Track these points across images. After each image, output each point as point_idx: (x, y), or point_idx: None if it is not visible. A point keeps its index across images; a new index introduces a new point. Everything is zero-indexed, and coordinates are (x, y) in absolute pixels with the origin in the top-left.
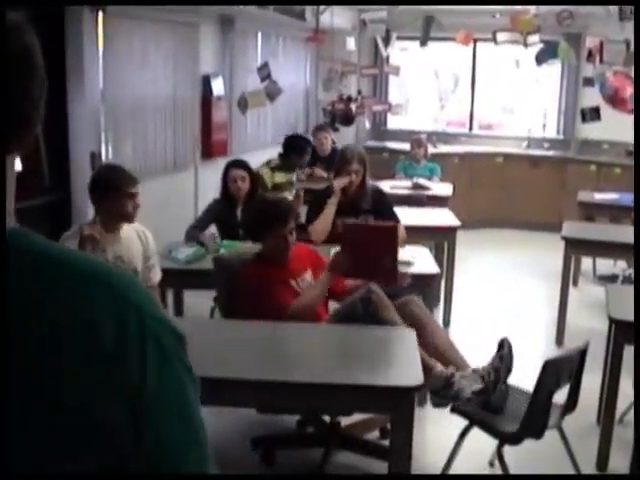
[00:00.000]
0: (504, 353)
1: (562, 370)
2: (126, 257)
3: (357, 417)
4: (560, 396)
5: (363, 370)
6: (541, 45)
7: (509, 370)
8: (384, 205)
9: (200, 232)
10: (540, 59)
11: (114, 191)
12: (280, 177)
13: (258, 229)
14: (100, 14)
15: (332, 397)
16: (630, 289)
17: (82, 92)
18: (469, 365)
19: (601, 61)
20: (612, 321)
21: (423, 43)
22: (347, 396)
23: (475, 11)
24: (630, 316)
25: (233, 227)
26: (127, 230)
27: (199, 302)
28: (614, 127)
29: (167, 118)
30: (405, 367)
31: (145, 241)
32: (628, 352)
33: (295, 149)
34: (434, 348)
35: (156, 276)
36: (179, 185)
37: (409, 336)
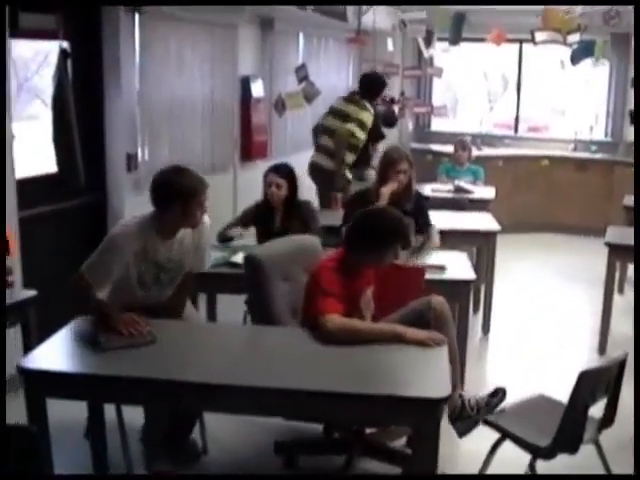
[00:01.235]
0: (493, 402)
1: (599, 382)
2: (176, 256)
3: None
4: (597, 409)
5: (388, 380)
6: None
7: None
8: (422, 209)
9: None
10: (575, 58)
11: (190, 198)
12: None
13: (371, 241)
14: (137, 15)
15: (354, 408)
16: None
17: (119, 93)
18: (461, 388)
19: None
20: None
21: (454, 42)
22: (369, 407)
23: (517, 11)
24: None
25: (271, 232)
26: (181, 236)
27: (234, 306)
28: None
29: (205, 120)
30: (432, 378)
31: (198, 233)
32: None
33: (372, 84)
34: None
35: (204, 265)
36: (217, 187)
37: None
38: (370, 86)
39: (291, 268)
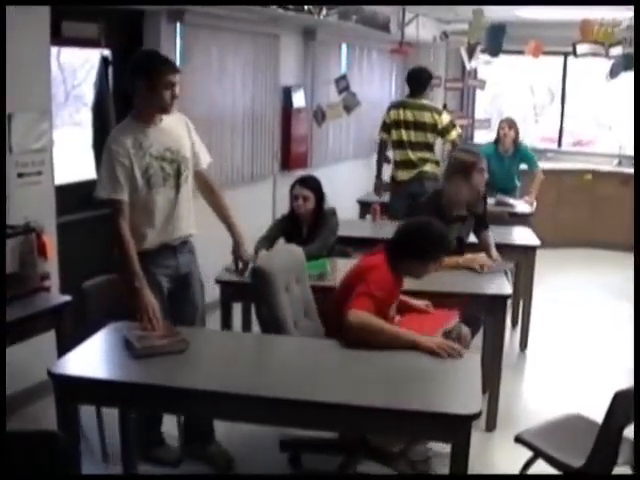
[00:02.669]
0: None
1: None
2: (174, 147)
3: None
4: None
5: (418, 394)
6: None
7: None
8: (485, 212)
9: (269, 245)
10: (614, 72)
11: (154, 75)
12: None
13: (416, 253)
14: (178, 25)
15: (381, 423)
16: None
17: None
18: None
19: None
20: None
21: (493, 54)
22: (396, 422)
23: (560, 24)
24: None
25: (299, 243)
26: (171, 119)
27: None
28: None
29: (245, 129)
30: (463, 392)
31: (187, 128)
32: None
33: (420, 79)
34: None
35: (206, 158)
36: (256, 196)
37: (472, 359)
38: (419, 80)
39: (289, 279)
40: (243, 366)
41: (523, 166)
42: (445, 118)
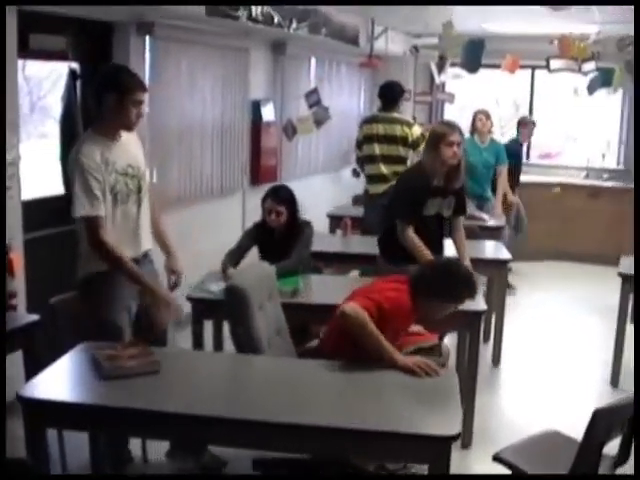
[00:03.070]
0: None
1: (614, 419)
2: (134, 163)
3: None
4: (613, 446)
5: (396, 415)
6: (595, 73)
7: None
8: (464, 195)
9: (238, 257)
10: (592, 87)
11: (124, 92)
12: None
13: (439, 292)
14: (147, 38)
15: (359, 445)
16: None
17: None
18: None
19: None
20: None
21: (473, 70)
22: (376, 444)
23: (530, 37)
24: None
25: (273, 252)
26: (129, 135)
27: None
28: None
29: (215, 143)
30: (442, 413)
31: (138, 146)
32: None
33: (392, 93)
34: None
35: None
36: (226, 210)
37: (450, 378)
38: (391, 94)
39: (262, 296)
40: (217, 387)
41: None
42: (416, 131)
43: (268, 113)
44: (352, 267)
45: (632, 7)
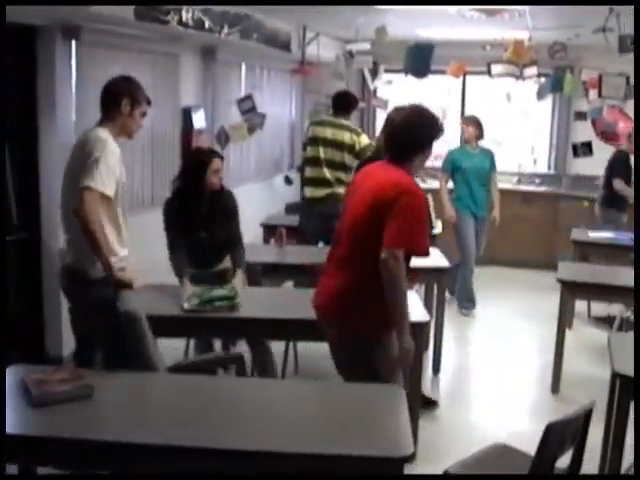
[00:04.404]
0: None
1: (566, 433)
2: (122, 168)
3: None
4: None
5: (345, 437)
6: (541, 79)
7: None
8: None
9: (183, 252)
10: (541, 93)
11: (136, 103)
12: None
13: (420, 140)
14: (74, 42)
15: (309, 469)
16: (630, 336)
17: (54, 126)
18: None
19: (600, 95)
20: (616, 375)
21: (421, 75)
22: (325, 468)
23: (466, 43)
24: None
25: (201, 222)
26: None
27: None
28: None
29: (145, 152)
30: (393, 432)
31: None
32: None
33: (346, 101)
34: None
35: None
36: (157, 222)
37: (398, 394)
38: (345, 102)
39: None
40: (152, 412)
41: None
42: (364, 140)
43: (199, 120)
44: (287, 278)
45: (560, 14)
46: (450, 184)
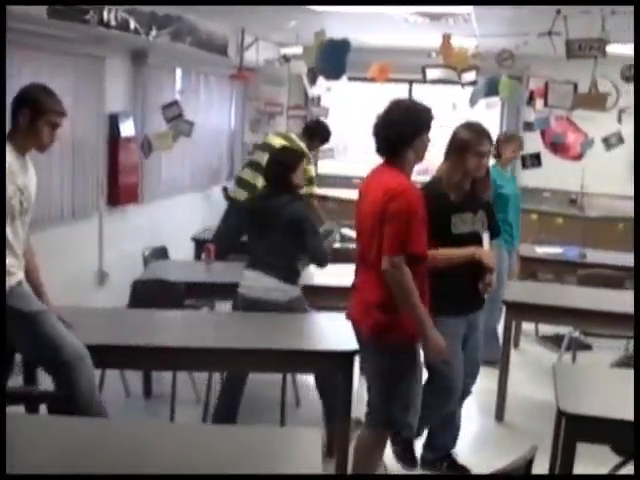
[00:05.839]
0: None
1: None
2: (29, 185)
3: None
4: None
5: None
6: (478, 83)
7: None
8: (492, 214)
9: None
10: (474, 98)
11: (39, 109)
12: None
13: (412, 131)
14: None
15: None
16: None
17: None
18: None
19: (546, 104)
20: (562, 414)
21: (336, 76)
22: None
23: (411, 50)
24: (583, 409)
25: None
26: (28, 160)
27: None
28: (556, 174)
29: (65, 159)
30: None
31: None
32: (581, 448)
33: (316, 129)
34: None
35: None
36: (80, 235)
37: (313, 434)
38: (315, 130)
39: None
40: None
41: None
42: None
43: (127, 128)
44: (216, 298)
45: (506, 17)
46: None
